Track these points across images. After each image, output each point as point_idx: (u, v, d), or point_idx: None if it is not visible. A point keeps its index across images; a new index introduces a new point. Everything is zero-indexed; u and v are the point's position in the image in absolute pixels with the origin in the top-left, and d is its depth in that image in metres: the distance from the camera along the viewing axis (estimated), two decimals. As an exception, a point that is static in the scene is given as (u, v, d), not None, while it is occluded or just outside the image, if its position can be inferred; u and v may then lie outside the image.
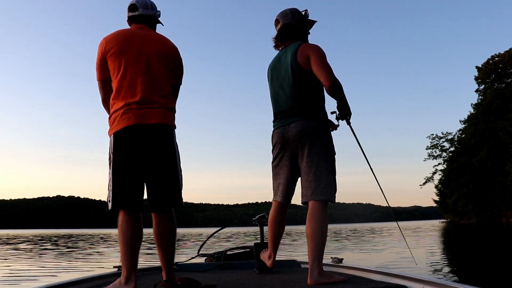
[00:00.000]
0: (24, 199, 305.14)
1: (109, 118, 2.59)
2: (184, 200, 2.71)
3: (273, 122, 2.93)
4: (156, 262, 7.36)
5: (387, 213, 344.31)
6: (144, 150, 2.51)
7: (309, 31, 3.03)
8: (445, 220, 68.52)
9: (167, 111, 2.60)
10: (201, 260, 4.35)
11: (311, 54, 2.74)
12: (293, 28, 2.92)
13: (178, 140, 2.69)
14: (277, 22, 2.99)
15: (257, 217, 3.84)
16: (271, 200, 3.00)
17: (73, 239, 23.82)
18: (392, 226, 46.78)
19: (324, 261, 2.74)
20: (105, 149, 2.62)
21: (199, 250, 4.36)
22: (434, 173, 64.23)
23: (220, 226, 4.71)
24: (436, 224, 49.25)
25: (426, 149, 64.08)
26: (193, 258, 4.27)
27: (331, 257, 3.60)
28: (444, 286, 2.14)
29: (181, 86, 2.84)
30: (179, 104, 2.82)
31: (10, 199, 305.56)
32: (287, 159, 2.84)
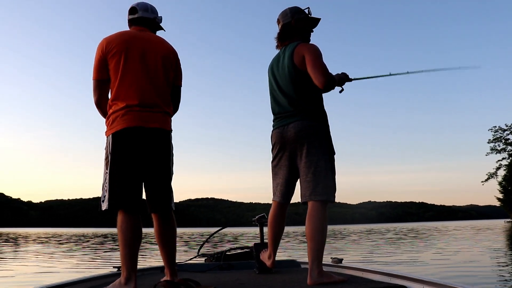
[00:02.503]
0: (81, 199, 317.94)
1: (107, 118, 2.57)
2: (234, 200, 2.60)
3: (273, 122, 2.91)
4: (155, 262, 7.47)
5: (441, 212, 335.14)
6: (143, 153, 2.51)
7: (314, 29, 2.96)
8: (511, 220, 64.12)
9: (166, 116, 2.64)
10: (201, 260, 4.30)
11: (306, 54, 2.71)
12: (292, 28, 2.88)
13: (233, 139, 2.82)
14: (278, 21, 2.97)
15: (257, 217, 3.74)
16: None
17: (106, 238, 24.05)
18: (454, 225, 44.04)
19: (324, 261, 2.71)
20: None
21: (198, 250, 4.34)
22: (498, 168, 60.22)
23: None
24: (502, 224, 45.97)
25: (488, 142, 60.34)
26: (193, 258, 4.25)
27: (331, 257, 3.57)
28: (444, 286, 2.12)
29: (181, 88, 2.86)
30: (219, 104, 2.50)
31: (68, 199, 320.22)
32: (286, 159, 2.82)
